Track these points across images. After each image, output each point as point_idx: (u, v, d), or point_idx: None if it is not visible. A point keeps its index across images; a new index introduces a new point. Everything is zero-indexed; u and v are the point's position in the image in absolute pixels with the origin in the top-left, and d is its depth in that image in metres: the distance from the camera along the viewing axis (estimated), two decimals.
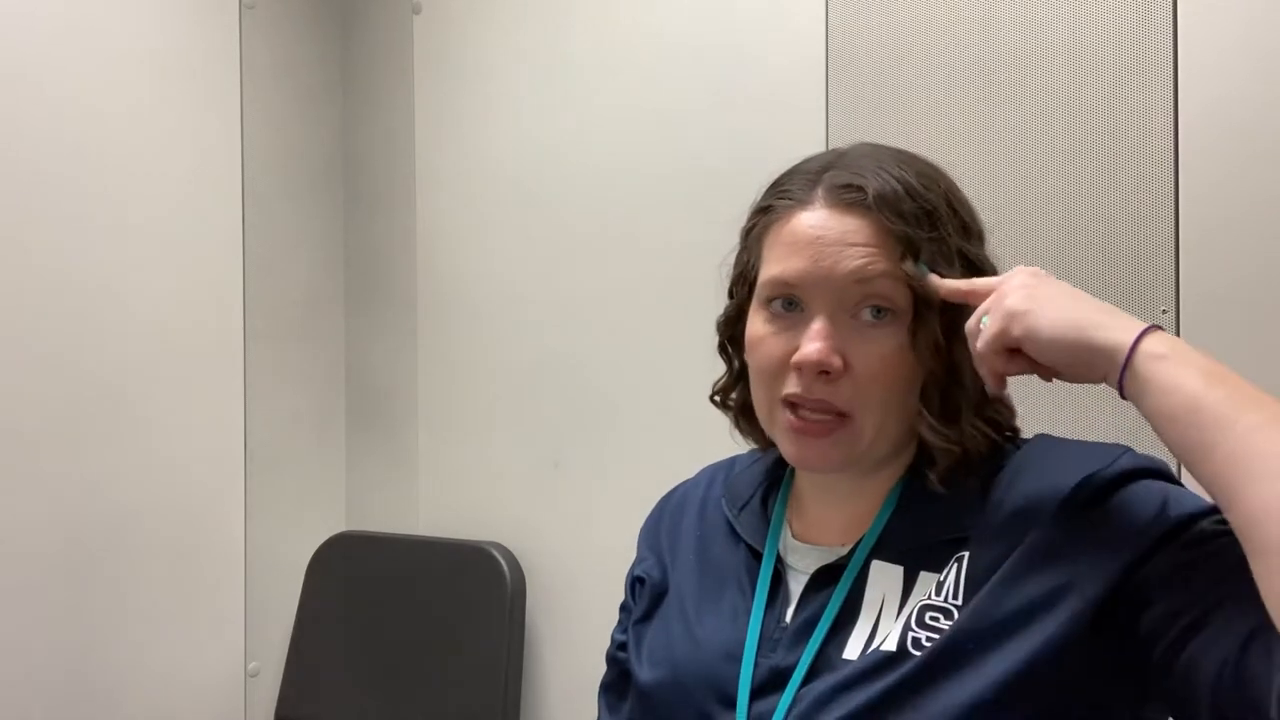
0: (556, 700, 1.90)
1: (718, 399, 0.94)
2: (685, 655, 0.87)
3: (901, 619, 0.78)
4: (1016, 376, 0.79)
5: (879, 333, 0.80)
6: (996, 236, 0.87)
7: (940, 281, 0.80)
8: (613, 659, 1.00)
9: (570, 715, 1.88)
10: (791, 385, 0.81)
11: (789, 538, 0.88)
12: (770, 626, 0.84)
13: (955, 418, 0.81)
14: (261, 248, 2.02)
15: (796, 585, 0.85)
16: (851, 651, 0.79)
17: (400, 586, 1.98)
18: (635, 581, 0.99)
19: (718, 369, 0.94)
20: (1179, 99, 1.35)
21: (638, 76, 1.81)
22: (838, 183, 0.82)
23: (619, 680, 0.98)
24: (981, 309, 0.77)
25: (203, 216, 1.94)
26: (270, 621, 2.03)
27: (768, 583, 0.86)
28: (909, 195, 0.80)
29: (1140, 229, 1.38)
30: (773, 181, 0.88)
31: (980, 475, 0.81)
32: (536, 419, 1.92)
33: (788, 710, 0.79)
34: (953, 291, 0.79)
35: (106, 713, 1.77)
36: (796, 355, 0.80)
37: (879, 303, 0.80)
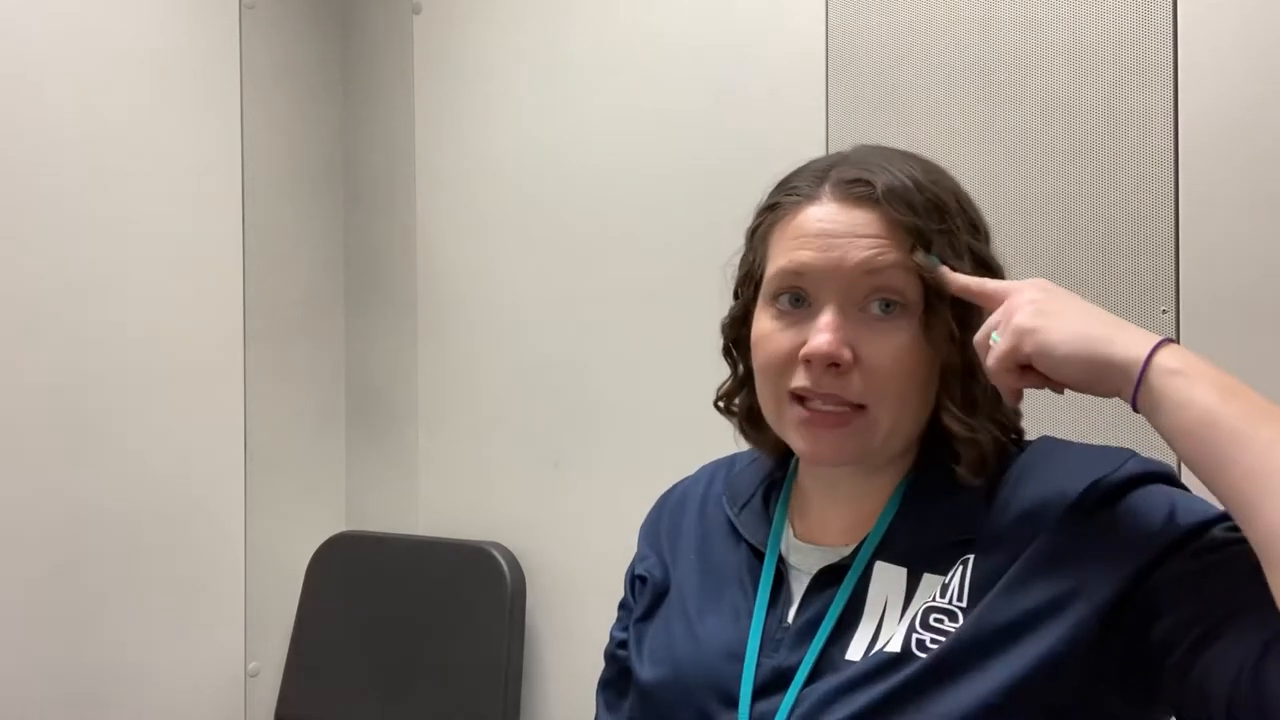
0: (556, 700, 1.90)
1: (722, 404, 0.93)
2: (687, 654, 0.87)
3: (905, 621, 0.78)
4: None
5: (889, 326, 0.79)
6: (996, 236, 0.87)
7: (952, 275, 0.79)
8: (612, 656, 0.99)
9: (570, 715, 1.88)
10: (799, 379, 0.80)
11: (791, 537, 0.88)
12: (772, 626, 0.84)
13: (974, 410, 0.81)
14: (261, 248, 2.02)
15: (798, 585, 0.85)
16: (855, 652, 0.78)
17: (400, 586, 1.98)
18: (636, 580, 0.98)
19: (718, 368, 0.93)
20: (1179, 99, 1.35)
21: (638, 76, 1.81)
22: (845, 177, 0.81)
23: (618, 678, 0.98)
24: (990, 324, 0.76)
25: (203, 216, 1.94)
26: (270, 621, 2.03)
27: (770, 582, 0.86)
28: (917, 189, 0.80)
29: (1140, 229, 1.38)
30: (779, 181, 0.87)
31: (985, 476, 0.81)
32: (536, 419, 1.92)
33: (790, 710, 0.78)
34: (963, 288, 0.79)
35: (106, 712, 1.77)
36: (805, 348, 0.79)
37: (888, 295, 0.79)
